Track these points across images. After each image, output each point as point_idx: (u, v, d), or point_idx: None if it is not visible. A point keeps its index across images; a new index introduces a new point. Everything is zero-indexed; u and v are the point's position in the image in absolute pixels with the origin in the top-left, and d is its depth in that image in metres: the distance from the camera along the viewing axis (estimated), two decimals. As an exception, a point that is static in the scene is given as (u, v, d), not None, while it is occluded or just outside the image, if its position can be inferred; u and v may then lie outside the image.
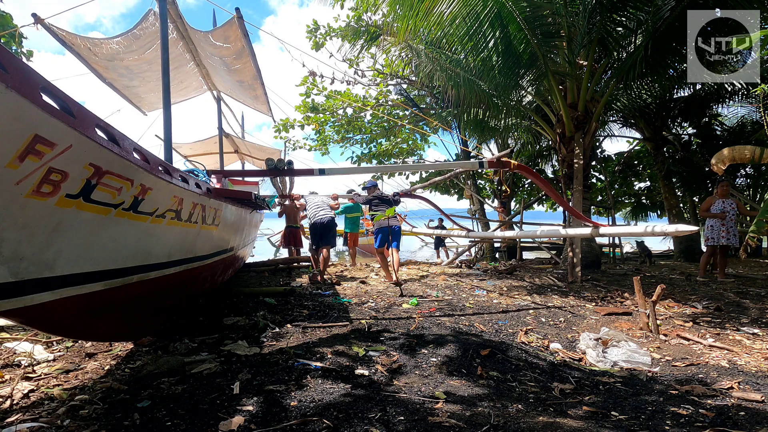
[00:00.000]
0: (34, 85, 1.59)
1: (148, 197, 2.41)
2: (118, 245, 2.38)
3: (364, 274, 6.86)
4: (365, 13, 10.90)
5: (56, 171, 1.79)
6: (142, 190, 2.34)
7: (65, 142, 1.75)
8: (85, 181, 1.96)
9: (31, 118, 1.58)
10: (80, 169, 1.90)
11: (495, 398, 2.06)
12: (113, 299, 2.41)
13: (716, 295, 4.96)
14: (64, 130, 1.72)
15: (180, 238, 3.08)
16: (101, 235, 2.21)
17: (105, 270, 2.29)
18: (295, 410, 1.82)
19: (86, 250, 2.15)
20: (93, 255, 2.20)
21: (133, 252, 2.53)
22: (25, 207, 1.73)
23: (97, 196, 2.06)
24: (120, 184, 2.15)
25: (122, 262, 2.43)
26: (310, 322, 3.56)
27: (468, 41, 6.26)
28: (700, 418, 1.91)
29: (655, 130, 11.02)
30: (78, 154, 1.84)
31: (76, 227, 2.02)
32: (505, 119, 8.64)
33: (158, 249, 2.82)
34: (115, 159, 2.03)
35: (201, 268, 3.70)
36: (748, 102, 10.50)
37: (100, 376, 2.27)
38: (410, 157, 14.02)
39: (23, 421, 1.73)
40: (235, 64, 5.88)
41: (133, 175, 2.20)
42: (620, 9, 6.02)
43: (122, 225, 2.32)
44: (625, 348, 2.94)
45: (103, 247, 2.26)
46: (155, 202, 2.52)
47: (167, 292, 3.11)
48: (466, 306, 4.38)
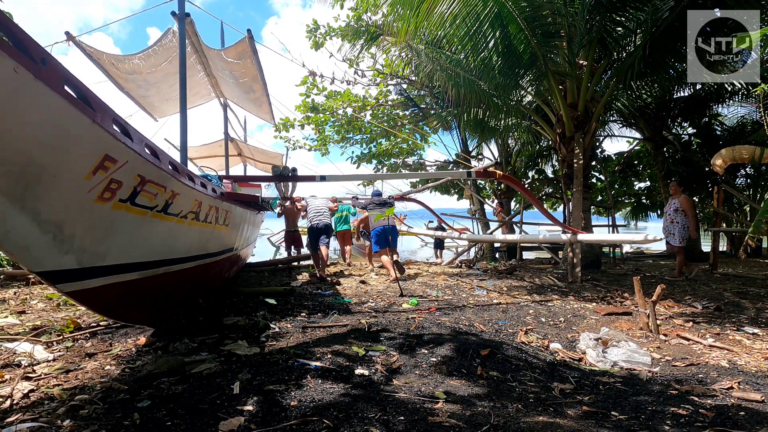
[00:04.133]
0: (109, 118, 2.05)
1: (175, 201, 2.86)
2: (150, 241, 2.81)
3: (363, 273, 6.86)
4: (365, 13, 10.90)
5: (115, 181, 2.25)
6: (172, 195, 2.79)
7: (124, 159, 2.21)
8: (132, 189, 2.41)
9: (105, 143, 2.05)
10: (131, 179, 2.37)
11: (495, 398, 2.06)
12: (143, 287, 2.80)
13: (716, 295, 4.96)
14: (124, 150, 2.18)
15: (197, 236, 3.51)
16: (139, 233, 2.66)
17: (139, 262, 2.73)
18: (295, 410, 1.82)
19: (127, 244, 2.59)
20: (132, 249, 2.64)
21: (161, 247, 2.97)
22: (92, 210, 2.21)
23: (139, 201, 2.51)
24: (156, 191, 2.60)
25: (153, 255, 2.86)
26: (310, 322, 3.56)
27: (468, 41, 6.26)
28: (700, 418, 1.91)
29: (655, 130, 11.02)
30: (131, 168, 2.31)
31: (122, 226, 2.47)
32: (505, 119, 8.64)
33: (180, 245, 3.25)
34: (154, 170, 2.49)
35: (212, 264, 4.08)
36: (748, 102, 10.50)
37: (100, 376, 2.27)
38: (410, 157, 14.02)
39: (23, 421, 1.73)
40: (243, 77, 6.41)
41: (166, 183, 2.65)
42: (620, 9, 6.02)
43: (155, 224, 2.76)
44: (625, 348, 2.94)
45: (140, 242, 2.70)
46: (181, 205, 2.96)
47: (184, 285, 3.47)
48: (466, 306, 4.38)
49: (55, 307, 4.04)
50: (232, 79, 6.65)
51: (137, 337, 3.02)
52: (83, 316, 3.69)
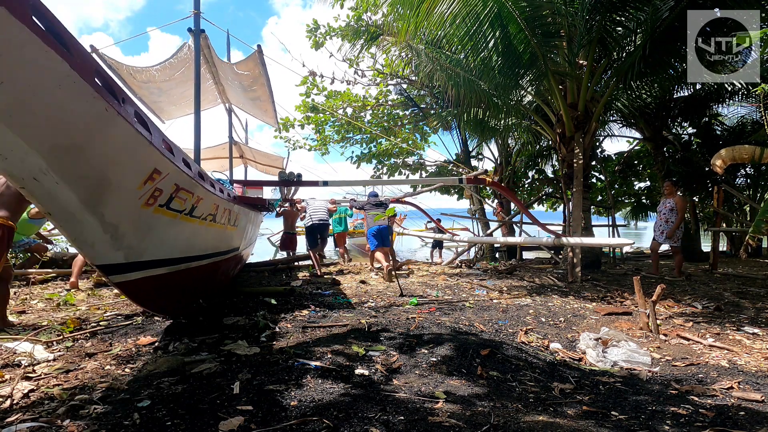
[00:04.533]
0: (160, 139, 2.42)
1: (199, 204, 3.21)
2: (177, 240, 3.17)
3: (363, 273, 6.86)
4: (365, 13, 10.88)
5: (158, 189, 2.62)
6: (197, 199, 3.14)
7: (166, 171, 2.58)
8: (169, 195, 2.77)
9: (156, 159, 2.44)
10: (169, 187, 2.73)
11: (495, 398, 2.06)
12: (169, 281, 3.13)
13: (716, 295, 4.96)
14: (168, 164, 2.55)
15: (213, 236, 3.88)
16: (170, 233, 3.01)
17: (168, 258, 3.07)
18: (295, 410, 1.82)
19: (160, 243, 2.94)
20: (163, 247, 2.98)
21: (185, 246, 3.32)
22: (139, 214, 2.59)
23: (173, 205, 2.87)
24: (186, 196, 2.96)
25: (178, 252, 3.21)
26: (310, 322, 3.56)
27: (468, 41, 6.26)
28: (700, 418, 1.91)
29: (655, 130, 11.01)
30: (171, 178, 2.67)
31: (158, 227, 2.84)
32: (505, 119, 8.63)
33: (199, 244, 3.62)
34: (187, 179, 2.85)
35: (221, 262, 4.39)
36: (748, 102, 10.49)
37: (100, 376, 2.27)
38: (410, 157, 14.01)
39: (23, 420, 1.73)
40: (252, 86, 6.98)
41: (193, 189, 3.01)
42: (620, 9, 6.01)
43: (182, 225, 3.11)
44: (625, 348, 2.94)
45: (169, 241, 3.05)
46: (203, 208, 3.31)
47: (200, 280, 3.80)
48: (466, 306, 4.38)
49: (55, 307, 4.04)
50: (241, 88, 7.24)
51: (137, 337, 3.02)
52: (83, 316, 3.69)
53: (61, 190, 2.05)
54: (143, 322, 3.45)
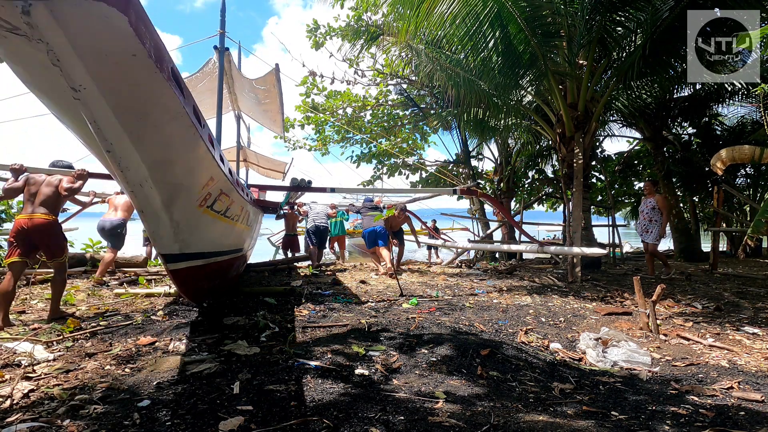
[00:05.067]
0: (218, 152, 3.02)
1: (231, 206, 3.72)
2: (212, 236, 3.64)
3: (363, 274, 6.86)
4: (365, 13, 10.88)
5: (209, 193, 3.13)
6: (231, 202, 3.66)
7: (217, 178, 3.14)
8: (214, 198, 3.28)
9: (214, 169, 3.00)
10: (216, 192, 3.26)
11: (495, 398, 2.06)
12: (201, 272, 3.58)
13: (716, 295, 4.96)
14: (219, 172, 3.09)
15: (235, 234, 4.38)
16: (209, 230, 3.51)
17: (204, 252, 3.55)
18: (295, 410, 1.82)
19: (202, 238, 3.42)
20: (202, 242, 3.46)
21: (216, 242, 3.81)
22: (193, 213, 3.10)
23: (215, 207, 3.37)
24: (225, 199, 3.46)
25: (210, 247, 3.69)
26: (310, 322, 3.56)
27: (468, 41, 6.25)
28: (700, 418, 1.91)
29: (655, 130, 11.00)
30: (219, 185, 3.22)
31: (203, 224, 3.33)
32: (505, 119, 8.63)
33: (224, 241, 4.11)
34: (228, 185, 3.38)
35: (234, 259, 4.77)
36: (748, 102, 10.49)
37: (100, 376, 2.27)
38: (410, 157, 14.00)
39: (23, 420, 1.73)
40: (265, 99, 7.58)
41: (230, 194, 3.54)
42: (620, 9, 6.01)
43: (218, 224, 3.63)
44: (625, 348, 2.94)
45: (207, 237, 3.54)
46: (234, 209, 3.84)
47: (220, 272, 4.22)
48: (466, 306, 4.38)
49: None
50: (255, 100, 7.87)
51: (137, 337, 3.02)
52: (83, 316, 3.69)
53: (153, 194, 2.59)
54: (143, 322, 3.45)
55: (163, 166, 2.50)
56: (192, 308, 3.92)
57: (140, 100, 2.06)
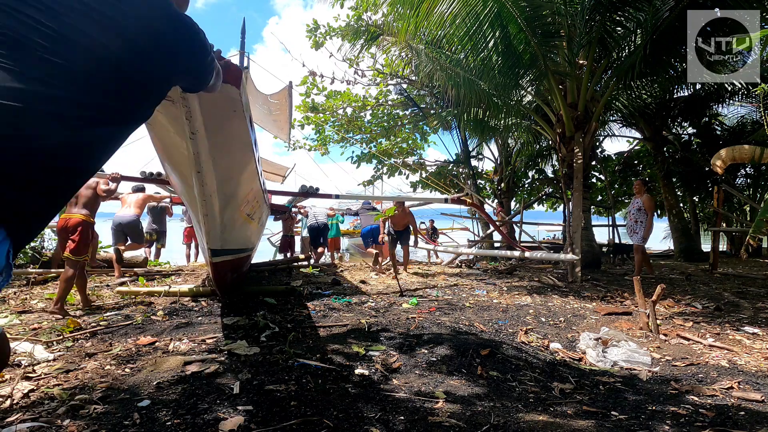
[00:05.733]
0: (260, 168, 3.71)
1: (256, 210, 4.24)
2: (241, 236, 4.18)
3: (363, 274, 6.86)
4: (365, 13, 10.87)
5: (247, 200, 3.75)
6: (259, 206, 4.25)
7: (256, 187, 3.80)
8: (251, 204, 3.87)
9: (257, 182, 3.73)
10: (252, 199, 3.88)
11: (495, 398, 2.06)
12: (231, 266, 4.10)
13: (716, 295, 4.96)
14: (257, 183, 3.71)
15: (252, 234, 4.84)
16: (240, 230, 4.06)
17: (233, 249, 4.01)
18: (295, 410, 1.82)
19: (235, 237, 3.94)
20: (234, 240, 3.96)
21: (240, 240, 4.24)
22: (237, 218, 3.76)
23: (247, 210, 3.91)
24: (255, 205, 4.04)
25: (238, 245, 4.16)
26: (310, 321, 3.56)
27: (468, 41, 6.25)
28: (700, 418, 1.91)
29: (655, 130, 11.00)
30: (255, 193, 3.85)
31: (237, 225, 3.86)
32: (505, 119, 8.63)
33: (247, 240, 4.63)
34: (260, 194, 4.04)
35: (246, 258, 5.09)
36: (748, 102, 10.49)
37: (100, 376, 2.27)
38: (410, 157, 14.00)
39: (23, 420, 1.73)
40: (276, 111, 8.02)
41: (260, 200, 4.15)
42: (620, 9, 6.01)
43: (246, 225, 4.15)
44: (625, 348, 2.93)
45: (238, 236, 4.07)
46: (258, 213, 4.39)
47: (239, 267, 4.65)
48: (466, 306, 4.38)
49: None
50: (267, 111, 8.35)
51: (137, 337, 3.02)
52: (82, 316, 3.69)
53: (215, 202, 3.09)
54: (143, 321, 3.45)
55: (229, 181, 3.16)
56: (192, 308, 3.92)
57: (229, 138, 2.74)
